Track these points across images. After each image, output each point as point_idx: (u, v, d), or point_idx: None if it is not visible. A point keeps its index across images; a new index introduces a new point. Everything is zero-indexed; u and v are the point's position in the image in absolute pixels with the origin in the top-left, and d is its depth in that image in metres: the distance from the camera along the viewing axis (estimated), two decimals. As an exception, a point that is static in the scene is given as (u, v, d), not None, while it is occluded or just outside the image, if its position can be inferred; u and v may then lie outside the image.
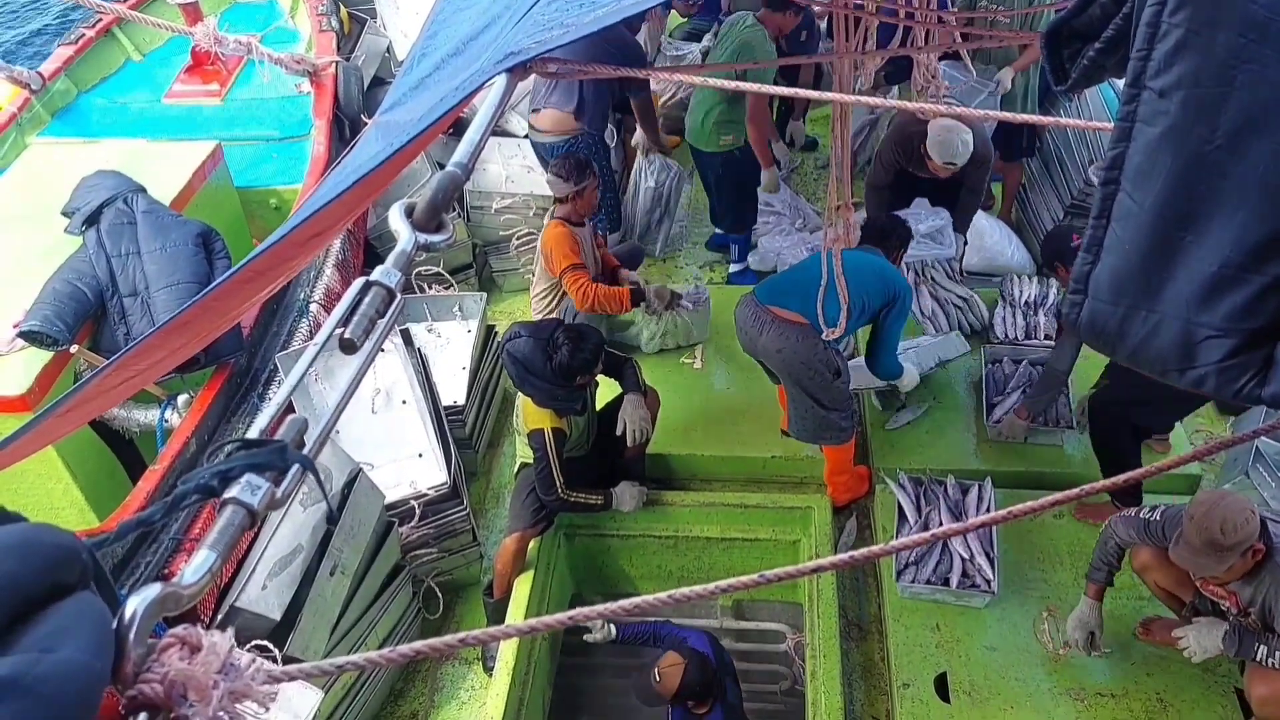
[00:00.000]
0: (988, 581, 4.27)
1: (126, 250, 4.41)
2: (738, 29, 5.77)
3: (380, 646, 4.29)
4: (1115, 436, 4.40)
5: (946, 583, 4.29)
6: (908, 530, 4.53)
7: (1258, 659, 3.48)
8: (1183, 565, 3.42)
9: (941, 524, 4.49)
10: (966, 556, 4.32)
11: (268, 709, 0.96)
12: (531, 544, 4.56)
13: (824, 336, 4.28)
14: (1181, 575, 3.76)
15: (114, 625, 0.91)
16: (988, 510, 4.54)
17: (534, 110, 5.97)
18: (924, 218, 5.86)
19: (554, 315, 5.46)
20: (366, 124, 6.04)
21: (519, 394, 4.51)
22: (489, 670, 4.47)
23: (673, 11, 8.14)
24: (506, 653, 4.24)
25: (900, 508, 4.60)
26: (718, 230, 6.74)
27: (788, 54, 6.19)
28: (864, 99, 3.13)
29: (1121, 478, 1.75)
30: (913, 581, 4.30)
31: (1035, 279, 5.78)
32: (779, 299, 4.42)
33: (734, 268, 6.63)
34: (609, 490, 4.61)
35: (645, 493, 4.69)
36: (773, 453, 5.07)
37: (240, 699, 0.94)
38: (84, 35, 6.46)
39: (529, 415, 4.34)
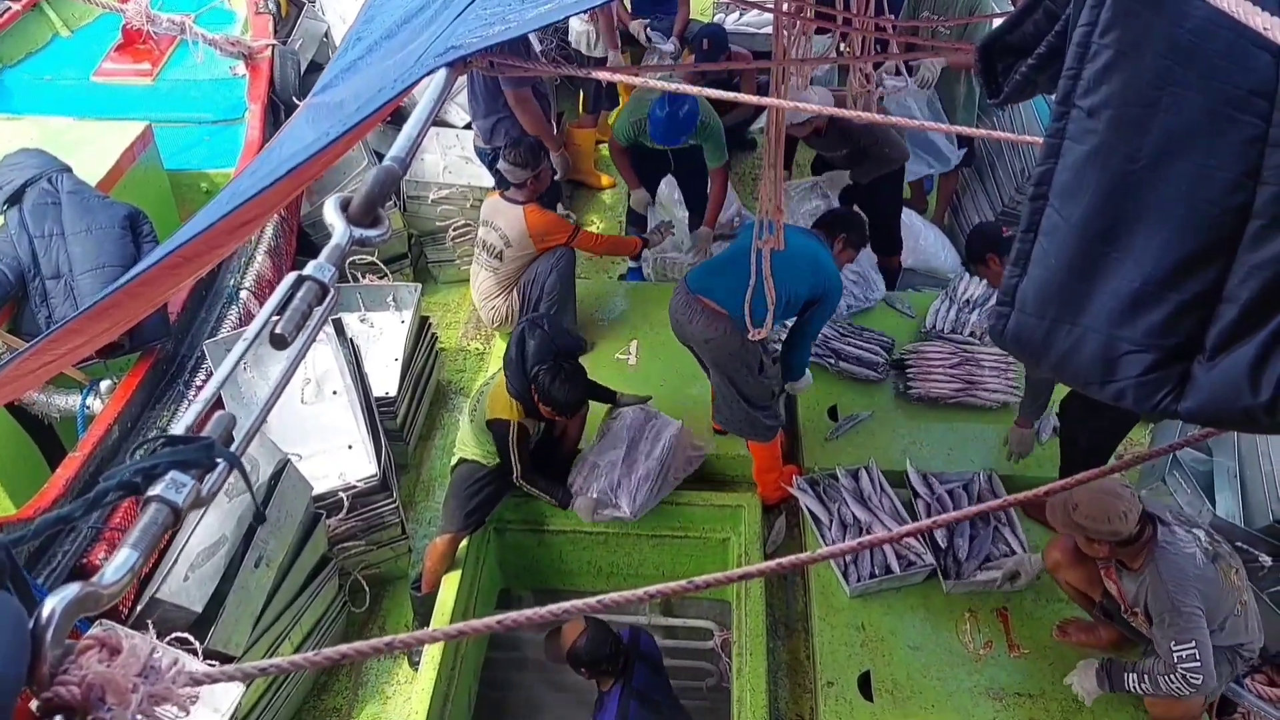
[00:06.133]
0: (920, 556, 4.40)
1: (50, 231, 4.30)
2: None
3: (305, 640, 4.24)
4: (1090, 429, 4.45)
5: (889, 571, 4.38)
6: (827, 531, 4.60)
7: (1129, 688, 3.63)
8: (1049, 513, 3.70)
9: (854, 516, 4.61)
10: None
11: (188, 713, 0.95)
12: (463, 540, 4.53)
13: (750, 336, 4.30)
14: (1091, 574, 3.88)
15: (30, 626, 0.89)
16: (882, 489, 4.70)
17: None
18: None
19: (506, 312, 5.47)
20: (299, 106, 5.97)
21: (490, 382, 4.51)
22: (415, 665, 4.44)
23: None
24: (433, 648, 4.21)
25: (811, 511, 4.67)
26: None
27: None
28: (800, 105, 3.17)
29: (1043, 489, 1.80)
30: (859, 580, 4.37)
31: (984, 280, 5.81)
32: (706, 289, 4.44)
33: (630, 264, 6.68)
34: (571, 494, 4.60)
35: (605, 514, 4.66)
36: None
37: (160, 702, 0.93)
38: (9, 8, 6.30)
39: (499, 404, 4.33)
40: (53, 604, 0.90)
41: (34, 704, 0.91)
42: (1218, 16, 1.15)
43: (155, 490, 1.03)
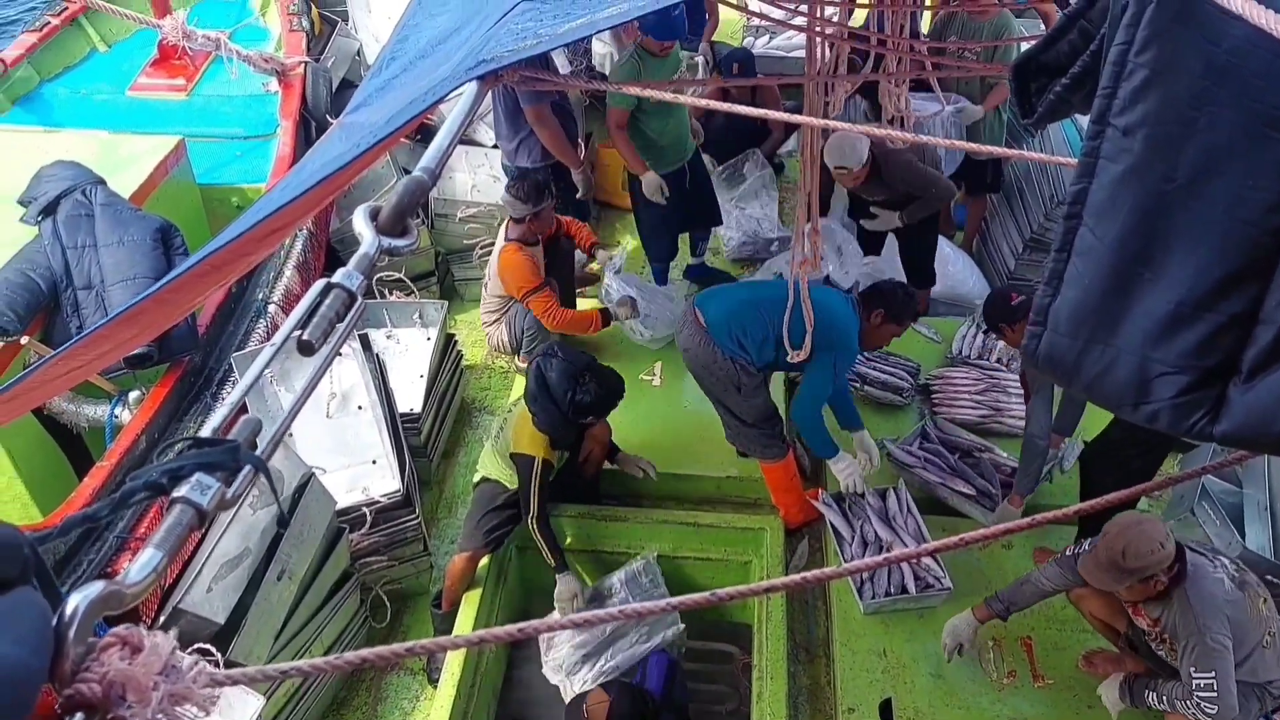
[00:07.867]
0: (938, 579, 4.37)
1: (83, 243, 4.35)
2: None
3: (325, 654, 4.23)
4: (1108, 482, 4.38)
5: (904, 591, 4.35)
6: (848, 547, 4.57)
7: (1149, 704, 3.59)
8: (1086, 577, 3.50)
9: (876, 534, 4.59)
10: (912, 561, 4.38)
11: (208, 713, 0.94)
12: (484, 558, 4.53)
13: (789, 359, 4.33)
14: (1115, 605, 3.83)
15: (54, 622, 0.89)
16: (908, 511, 4.66)
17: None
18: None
19: (497, 339, 5.56)
20: (332, 125, 6.04)
21: (514, 411, 4.53)
22: (434, 682, 4.43)
23: None
24: (452, 664, 4.20)
25: (834, 527, 4.65)
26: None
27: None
28: (832, 123, 3.15)
29: (1061, 512, 1.77)
30: (873, 598, 4.34)
31: None
32: (703, 304, 4.53)
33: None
34: (564, 566, 4.42)
35: (582, 606, 4.43)
36: (728, 473, 5.08)
37: (181, 702, 0.92)
38: (49, 23, 6.39)
39: (524, 438, 4.31)
40: (76, 600, 0.90)
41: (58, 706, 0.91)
42: (1256, 36, 1.14)
43: (181, 491, 1.02)
